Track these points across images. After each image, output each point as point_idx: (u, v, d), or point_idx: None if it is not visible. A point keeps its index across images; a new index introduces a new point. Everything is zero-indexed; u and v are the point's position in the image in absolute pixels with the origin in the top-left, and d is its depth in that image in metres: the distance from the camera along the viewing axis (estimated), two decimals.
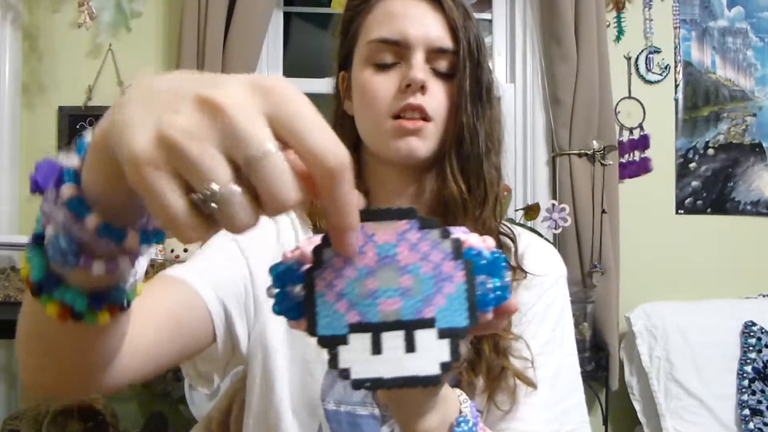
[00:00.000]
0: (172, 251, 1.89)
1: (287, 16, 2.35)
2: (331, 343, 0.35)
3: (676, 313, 2.08)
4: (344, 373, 0.35)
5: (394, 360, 0.35)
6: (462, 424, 0.50)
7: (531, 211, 1.98)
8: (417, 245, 0.36)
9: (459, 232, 0.38)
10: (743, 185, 2.36)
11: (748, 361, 1.96)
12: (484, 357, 0.69)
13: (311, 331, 0.36)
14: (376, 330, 0.35)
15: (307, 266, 0.36)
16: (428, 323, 0.35)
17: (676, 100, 2.35)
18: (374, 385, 0.35)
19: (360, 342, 0.35)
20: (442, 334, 0.35)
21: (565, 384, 0.73)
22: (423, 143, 0.72)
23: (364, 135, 0.77)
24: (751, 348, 1.98)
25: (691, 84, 2.35)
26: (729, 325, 2.04)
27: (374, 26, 0.74)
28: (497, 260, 0.38)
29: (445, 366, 0.35)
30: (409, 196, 0.77)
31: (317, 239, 0.36)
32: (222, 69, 2.02)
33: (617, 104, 2.28)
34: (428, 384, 0.35)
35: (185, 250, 1.89)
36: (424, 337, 0.35)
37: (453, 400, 0.52)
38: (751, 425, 1.88)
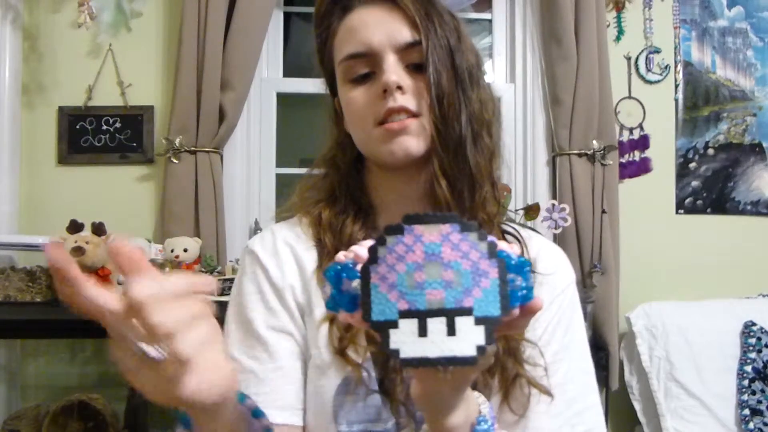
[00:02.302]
0: (172, 251, 1.89)
1: (287, 16, 2.35)
2: (384, 327, 0.41)
3: (676, 313, 2.08)
4: (394, 353, 0.40)
5: (438, 342, 0.40)
6: (482, 423, 0.55)
7: (531, 211, 1.97)
8: (458, 245, 0.41)
9: (492, 238, 0.43)
10: (743, 185, 2.36)
11: (748, 361, 1.96)
12: (498, 357, 0.69)
13: (366, 317, 0.41)
14: (422, 316, 0.40)
15: (360, 264, 0.42)
16: (467, 311, 0.41)
17: (676, 100, 2.35)
18: (420, 363, 0.40)
19: (408, 326, 0.40)
20: (479, 321, 0.40)
21: (575, 388, 0.74)
22: (415, 139, 0.72)
23: (361, 148, 0.78)
24: (751, 348, 1.98)
25: (691, 84, 2.35)
26: (729, 325, 2.04)
27: (341, 46, 0.76)
28: (524, 263, 0.43)
29: (480, 349, 0.40)
30: (419, 198, 0.76)
31: (369, 243, 0.42)
32: (222, 69, 2.02)
33: (617, 104, 2.28)
34: (466, 364, 0.40)
35: (185, 250, 1.90)
36: (463, 323, 0.40)
37: (474, 401, 0.56)
38: (751, 425, 1.88)
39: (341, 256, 0.44)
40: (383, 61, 0.72)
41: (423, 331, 0.40)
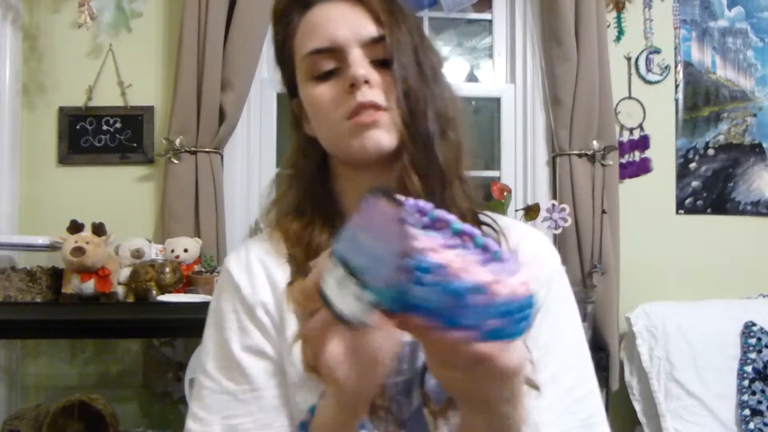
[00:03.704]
0: (172, 251, 1.89)
1: None
2: (329, 272, 0.45)
3: (676, 313, 2.08)
4: (323, 293, 0.45)
5: (346, 297, 0.44)
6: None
7: (531, 211, 1.98)
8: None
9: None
10: (743, 185, 2.36)
11: (749, 361, 1.96)
12: None
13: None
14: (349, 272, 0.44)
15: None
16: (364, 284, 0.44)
17: (676, 101, 2.35)
18: (325, 302, 0.44)
19: (336, 274, 0.44)
20: (371, 296, 0.44)
21: (571, 376, 0.73)
22: (385, 133, 0.71)
23: (328, 146, 0.76)
24: (751, 348, 1.98)
25: (691, 84, 2.35)
26: (729, 325, 2.04)
27: (303, 42, 0.74)
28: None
29: (358, 320, 0.43)
30: None
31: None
32: (222, 69, 2.02)
33: (617, 104, 2.28)
34: (347, 324, 0.43)
35: (185, 250, 1.90)
36: (363, 293, 0.44)
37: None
38: (751, 425, 1.88)
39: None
40: (348, 56, 0.71)
41: (342, 284, 0.44)
